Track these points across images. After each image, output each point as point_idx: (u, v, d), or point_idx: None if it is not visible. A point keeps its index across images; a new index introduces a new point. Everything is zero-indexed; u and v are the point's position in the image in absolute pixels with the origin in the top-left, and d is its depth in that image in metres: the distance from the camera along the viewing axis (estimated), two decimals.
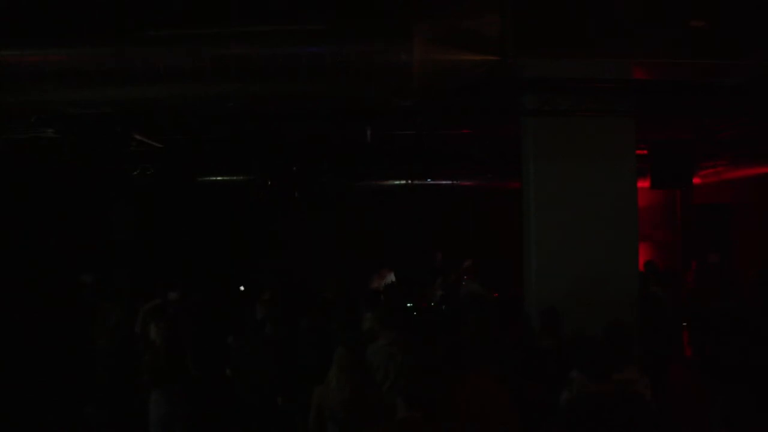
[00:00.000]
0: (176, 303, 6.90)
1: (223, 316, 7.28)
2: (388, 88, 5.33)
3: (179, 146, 9.94)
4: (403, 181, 11.68)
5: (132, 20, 5.24)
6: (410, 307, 8.72)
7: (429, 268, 10.55)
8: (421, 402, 3.61)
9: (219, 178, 11.48)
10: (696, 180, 11.58)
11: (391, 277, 10.00)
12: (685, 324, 7.98)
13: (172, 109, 6.65)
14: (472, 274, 9.27)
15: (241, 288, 8.03)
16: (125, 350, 7.11)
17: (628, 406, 4.00)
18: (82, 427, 6.86)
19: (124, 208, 11.45)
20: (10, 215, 9.54)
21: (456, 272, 9.72)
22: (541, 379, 5.02)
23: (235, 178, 11.56)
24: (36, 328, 7.26)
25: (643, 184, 10.77)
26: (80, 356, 7.21)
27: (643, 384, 4.53)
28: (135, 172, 10.37)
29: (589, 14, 5.56)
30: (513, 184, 9.87)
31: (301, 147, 10.49)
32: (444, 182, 11.79)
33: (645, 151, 10.30)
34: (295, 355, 6.23)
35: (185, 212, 11.91)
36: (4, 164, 9.04)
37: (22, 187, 9.75)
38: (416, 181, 11.69)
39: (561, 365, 4.81)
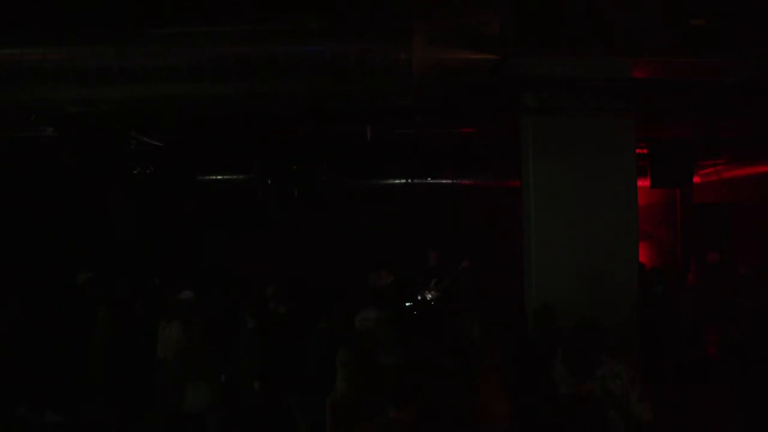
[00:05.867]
0: (194, 302, 6.89)
1: (226, 314, 7.28)
2: (388, 87, 5.34)
3: (179, 146, 9.95)
4: (403, 180, 11.66)
5: (132, 19, 5.25)
6: (409, 306, 8.70)
7: (424, 267, 10.50)
8: (409, 402, 3.60)
9: (219, 177, 11.47)
10: (696, 179, 11.58)
11: (389, 278, 9.96)
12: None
13: (172, 109, 6.65)
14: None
15: None
16: (126, 349, 7.10)
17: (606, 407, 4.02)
18: (79, 426, 6.87)
19: (123, 207, 11.45)
20: (9, 215, 9.55)
21: (454, 272, 9.69)
22: (537, 377, 5.03)
23: (235, 177, 11.55)
24: (35, 327, 7.25)
25: (644, 183, 10.80)
26: (79, 355, 7.21)
27: (628, 376, 4.52)
28: (134, 171, 10.36)
29: (588, 13, 5.57)
30: (513, 183, 9.85)
31: (301, 147, 10.49)
32: (444, 181, 11.77)
33: (645, 150, 10.33)
34: (287, 350, 6.24)
35: (185, 211, 11.90)
36: (4, 164, 9.04)
37: (22, 187, 9.75)
38: (416, 180, 11.67)
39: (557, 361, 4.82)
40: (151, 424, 6.76)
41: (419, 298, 8.82)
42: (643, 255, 9.98)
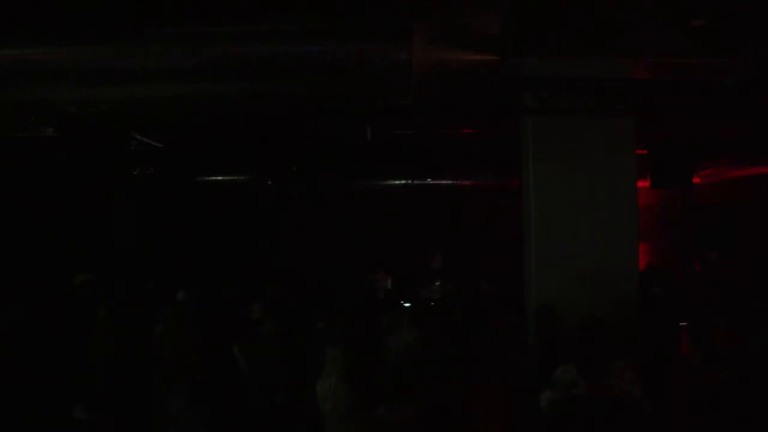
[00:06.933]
0: (186, 302, 6.88)
1: (225, 315, 7.28)
2: (388, 87, 5.34)
3: (179, 146, 9.95)
4: (403, 181, 11.66)
5: (132, 19, 5.25)
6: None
7: (428, 268, 10.51)
8: (401, 398, 3.61)
9: (219, 178, 11.47)
10: (696, 179, 11.58)
11: (388, 279, 9.97)
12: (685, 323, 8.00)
13: (172, 109, 6.65)
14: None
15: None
16: (126, 351, 7.10)
17: (617, 406, 4.02)
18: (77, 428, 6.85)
19: (123, 208, 11.44)
20: (9, 215, 9.55)
21: (458, 276, 9.69)
22: (538, 377, 5.03)
23: (235, 178, 11.55)
24: (35, 327, 7.25)
25: (644, 183, 10.79)
26: (78, 356, 7.21)
27: (632, 380, 4.54)
28: (134, 172, 10.37)
29: (588, 13, 5.57)
30: (513, 183, 9.85)
31: (301, 147, 10.49)
32: (444, 182, 11.77)
33: (645, 151, 10.33)
34: (299, 352, 6.23)
35: (184, 212, 11.90)
36: (4, 164, 9.04)
37: (22, 187, 9.75)
38: (416, 181, 11.67)
39: (558, 363, 4.82)
40: (144, 424, 6.75)
41: (421, 297, 8.82)
42: (643, 256, 9.99)
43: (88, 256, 9.52)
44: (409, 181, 11.67)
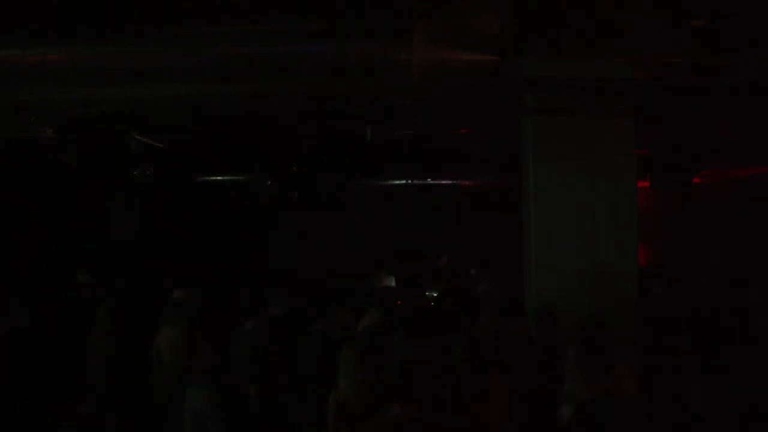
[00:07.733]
0: (185, 301, 6.87)
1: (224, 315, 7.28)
2: (388, 87, 5.34)
3: (179, 146, 9.95)
4: (403, 181, 11.67)
5: (132, 19, 5.25)
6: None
7: (433, 268, 10.51)
8: (413, 398, 3.61)
9: (219, 178, 11.48)
10: (696, 179, 11.58)
11: (391, 280, 9.97)
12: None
13: (172, 109, 6.65)
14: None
15: None
16: (127, 351, 7.10)
17: (617, 406, 4.01)
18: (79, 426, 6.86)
19: (123, 208, 11.46)
20: (9, 215, 9.55)
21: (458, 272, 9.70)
22: (539, 376, 5.03)
23: (235, 178, 11.55)
24: (35, 327, 7.26)
25: (644, 183, 10.79)
26: (79, 356, 7.22)
27: (632, 379, 4.54)
28: (135, 172, 10.37)
29: (588, 13, 5.57)
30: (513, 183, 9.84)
31: (300, 147, 10.50)
32: (444, 181, 11.78)
33: (645, 151, 10.32)
34: (286, 352, 6.23)
35: (184, 212, 11.90)
36: (4, 164, 9.05)
37: (22, 187, 9.76)
38: (416, 181, 11.68)
39: (559, 363, 4.81)
40: (152, 427, 6.75)
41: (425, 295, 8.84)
42: (644, 255, 9.98)
43: (88, 257, 9.53)
44: (409, 181, 11.67)
